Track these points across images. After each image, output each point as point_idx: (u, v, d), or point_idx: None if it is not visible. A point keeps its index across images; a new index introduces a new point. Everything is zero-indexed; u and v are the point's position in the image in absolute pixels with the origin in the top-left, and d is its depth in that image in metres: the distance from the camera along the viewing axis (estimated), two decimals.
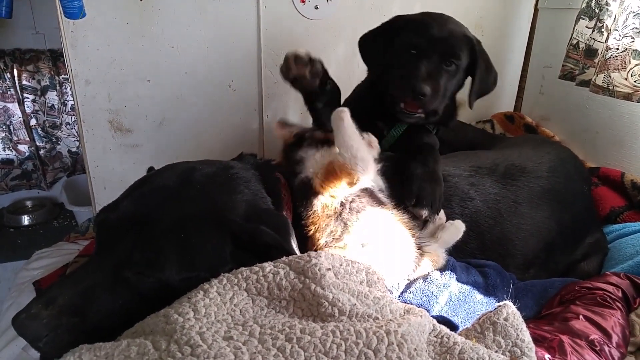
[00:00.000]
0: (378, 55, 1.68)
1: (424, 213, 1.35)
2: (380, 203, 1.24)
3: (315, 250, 1.13)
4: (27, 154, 3.71)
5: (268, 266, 0.99)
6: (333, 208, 1.18)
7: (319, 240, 1.17)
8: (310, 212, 1.19)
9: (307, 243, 1.18)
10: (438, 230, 1.35)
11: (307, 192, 1.21)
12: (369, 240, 1.17)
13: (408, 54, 1.56)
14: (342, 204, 1.18)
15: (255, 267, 0.99)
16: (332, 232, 1.17)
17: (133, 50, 2.00)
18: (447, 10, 2.36)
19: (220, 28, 2.08)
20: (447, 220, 1.40)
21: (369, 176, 1.21)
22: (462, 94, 2.59)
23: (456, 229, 1.36)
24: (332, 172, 1.18)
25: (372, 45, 1.72)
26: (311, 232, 1.18)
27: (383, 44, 1.65)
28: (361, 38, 1.74)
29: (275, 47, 2.16)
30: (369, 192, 1.24)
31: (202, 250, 1.03)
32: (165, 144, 2.17)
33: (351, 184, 1.17)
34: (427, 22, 1.59)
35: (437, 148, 1.61)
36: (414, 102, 1.51)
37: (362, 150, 1.18)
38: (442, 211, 1.41)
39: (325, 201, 1.18)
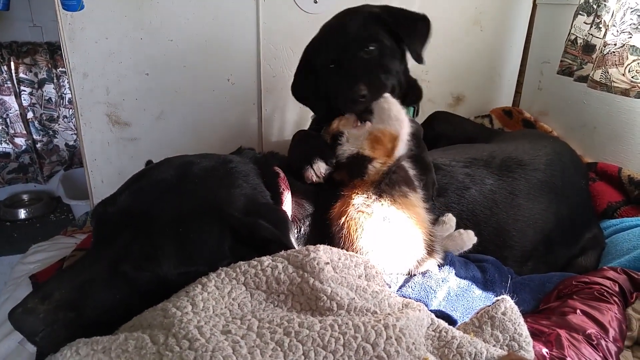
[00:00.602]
0: (313, 93, 1.64)
1: None
2: (411, 185, 1.31)
3: (343, 212, 1.23)
4: (23, 147, 3.69)
5: (266, 260, 0.99)
6: (380, 174, 1.28)
7: (352, 199, 1.24)
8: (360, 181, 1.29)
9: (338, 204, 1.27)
10: (445, 239, 1.38)
11: (360, 164, 1.30)
12: (392, 216, 1.22)
13: (328, 71, 1.53)
14: (385, 174, 1.27)
15: (254, 261, 0.99)
16: (367, 197, 1.24)
17: (131, 43, 2.00)
18: (446, 5, 2.38)
19: (219, 21, 2.08)
20: (456, 229, 1.41)
21: (406, 131, 1.34)
22: (462, 89, 2.61)
23: (462, 241, 1.38)
24: (376, 139, 1.32)
25: (303, 90, 1.70)
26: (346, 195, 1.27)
27: (310, 81, 1.62)
28: (292, 89, 1.73)
29: (274, 40, 2.16)
30: (404, 171, 1.33)
31: (201, 244, 1.03)
32: (164, 137, 2.16)
33: (394, 144, 1.31)
34: (327, 33, 1.58)
35: (421, 135, 1.59)
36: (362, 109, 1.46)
37: (395, 110, 1.35)
38: (451, 217, 1.42)
39: (377, 166, 1.29)
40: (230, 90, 2.20)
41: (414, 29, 1.59)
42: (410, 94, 1.65)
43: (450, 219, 1.40)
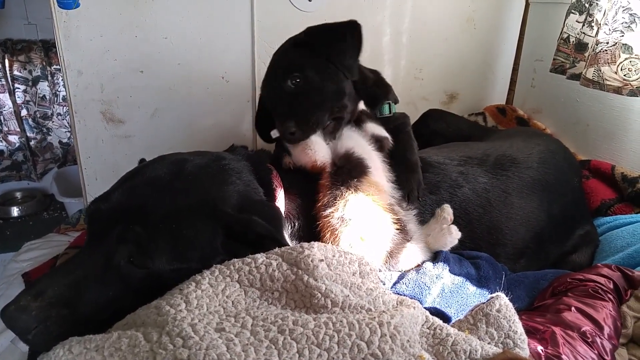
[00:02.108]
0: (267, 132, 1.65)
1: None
2: (362, 170, 1.33)
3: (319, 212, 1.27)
4: (17, 144, 3.67)
5: (260, 257, 0.99)
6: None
7: (322, 201, 1.28)
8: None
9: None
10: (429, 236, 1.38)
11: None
12: (352, 216, 1.24)
13: (270, 107, 1.51)
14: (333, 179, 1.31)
15: (248, 258, 0.99)
16: (334, 198, 1.27)
17: (126, 41, 1.99)
18: (439, 3, 2.39)
19: (214, 19, 2.07)
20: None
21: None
22: (455, 86, 2.61)
23: (445, 239, 1.37)
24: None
25: (261, 128, 1.68)
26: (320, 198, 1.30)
27: (262, 122, 1.63)
28: (256, 128, 1.71)
29: (269, 38, 2.15)
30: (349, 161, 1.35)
31: (194, 241, 1.03)
32: (158, 135, 2.16)
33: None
34: (265, 78, 1.53)
35: (405, 130, 1.58)
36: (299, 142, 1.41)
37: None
38: (447, 208, 1.41)
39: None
40: (225, 87, 2.19)
41: (341, 43, 1.49)
42: (376, 94, 1.60)
43: (444, 210, 1.40)
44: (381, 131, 1.50)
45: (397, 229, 1.29)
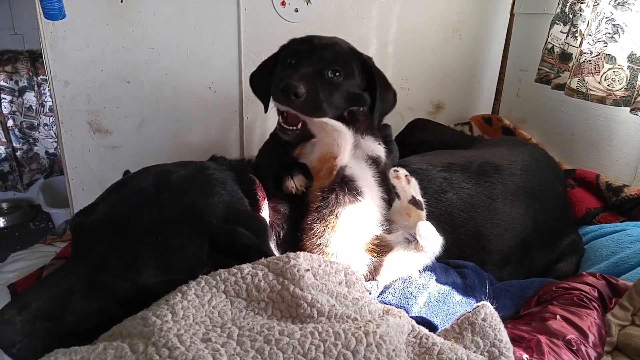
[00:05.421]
0: (265, 85, 1.61)
1: None
2: (353, 197, 1.25)
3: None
4: (3, 155, 3.65)
5: (246, 268, 0.99)
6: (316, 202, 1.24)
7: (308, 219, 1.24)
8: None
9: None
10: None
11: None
12: (330, 240, 1.21)
13: (286, 65, 1.50)
14: (322, 198, 1.24)
15: (234, 268, 0.99)
16: (319, 219, 1.22)
17: (113, 52, 1.99)
18: (425, 13, 2.41)
19: (200, 30, 2.08)
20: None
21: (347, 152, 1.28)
22: (442, 96, 2.63)
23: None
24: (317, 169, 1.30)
25: (258, 77, 1.67)
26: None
27: (268, 72, 1.60)
28: (250, 75, 1.71)
29: (255, 49, 2.16)
30: (343, 185, 1.26)
31: (180, 252, 1.02)
32: (145, 145, 2.16)
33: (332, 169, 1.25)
34: (308, 37, 1.55)
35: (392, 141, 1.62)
36: (289, 104, 1.38)
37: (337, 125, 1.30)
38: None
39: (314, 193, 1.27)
40: (212, 98, 2.20)
41: (385, 96, 1.59)
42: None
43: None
44: (377, 148, 1.44)
45: (374, 257, 1.25)
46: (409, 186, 1.35)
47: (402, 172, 1.38)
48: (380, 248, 1.24)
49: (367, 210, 1.28)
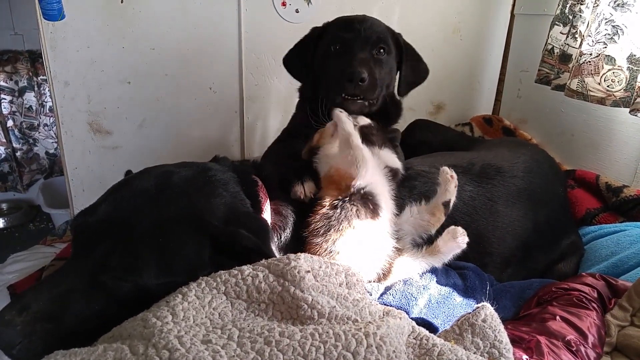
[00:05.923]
0: (305, 66, 1.72)
1: None
2: (372, 213, 1.22)
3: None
4: (3, 155, 3.66)
5: (247, 269, 0.99)
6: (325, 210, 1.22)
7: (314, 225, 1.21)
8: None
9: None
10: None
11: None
12: (341, 249, 1.18)
13: (333, 51, 1.61)
14: (335, 207, 1.20)
15: (234, 270, 0.99)
16: (317, 228, 1.20)
17: (113, 52, 1.99)
18: (425, 14, 2.41)
19: (201, 30, 2.08)
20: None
21: (367, 178, 1.24)
22: (442, 97, 2.63)
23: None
24: (331, 179, 1.28)
25: (295, 59, 1.76)
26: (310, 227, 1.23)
27: (306, 54, 1.70)
28: (284, 57, 1.78)
29: (256, 49, 2.17)
30: (363, 200, 1.22)
31: (181, 254, 1.02)
32: (145, 145, 2.16)
33: (348, 185, 1.22)
34: (347, 19, 1.66)
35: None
36: (354, 90, 1.52)
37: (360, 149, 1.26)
38: (459, 230, 1.36)
39: (327, 202, 1.23)
40: (212, 98, 2.20)
41: (417, 67, 1.76)
42: (391, 114, 1.73)
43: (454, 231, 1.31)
44: (395, 161, 1.44)
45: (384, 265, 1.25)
46: (454, 190, 1.34)
47: (455, 175, 1.37)
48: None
49: (384, 224, 1.26)
